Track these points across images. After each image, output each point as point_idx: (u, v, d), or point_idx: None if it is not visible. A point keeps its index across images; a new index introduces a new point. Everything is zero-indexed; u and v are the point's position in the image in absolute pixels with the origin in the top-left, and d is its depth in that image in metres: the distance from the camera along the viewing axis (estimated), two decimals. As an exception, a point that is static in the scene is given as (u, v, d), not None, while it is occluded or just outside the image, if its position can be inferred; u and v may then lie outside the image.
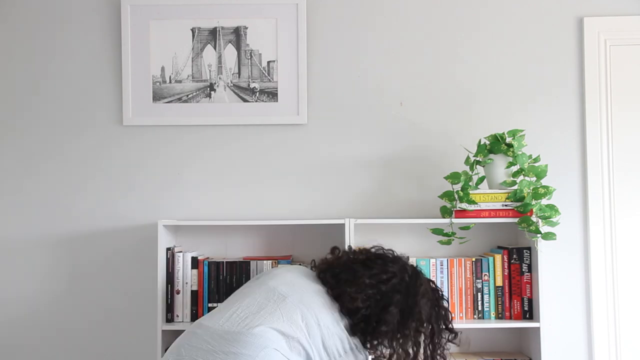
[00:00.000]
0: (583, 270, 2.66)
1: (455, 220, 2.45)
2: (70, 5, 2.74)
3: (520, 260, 2.50)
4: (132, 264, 2.67)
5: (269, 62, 2.72)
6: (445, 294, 2.18)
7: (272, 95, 2.70)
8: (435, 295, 2.04)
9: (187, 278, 2.49)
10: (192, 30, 2.73)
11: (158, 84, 2.71)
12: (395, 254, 2.09)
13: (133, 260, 2.67)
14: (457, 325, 2.44)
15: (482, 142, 2.55)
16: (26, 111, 2.72)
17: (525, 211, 2.39)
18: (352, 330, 1.88)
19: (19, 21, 2.74)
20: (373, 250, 2.09)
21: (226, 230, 2.66)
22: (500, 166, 2.47)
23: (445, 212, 2.46)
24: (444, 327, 2.01)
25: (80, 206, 2.70)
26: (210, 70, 2.72)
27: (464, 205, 2.43)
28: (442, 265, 2.52)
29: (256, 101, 2.70)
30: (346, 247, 2.24)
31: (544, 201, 2.42)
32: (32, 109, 2.73)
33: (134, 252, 2.67)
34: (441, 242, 2.45)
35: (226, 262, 2.51)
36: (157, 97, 2.71)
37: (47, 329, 2.67)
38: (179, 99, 2.71)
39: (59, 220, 2.69)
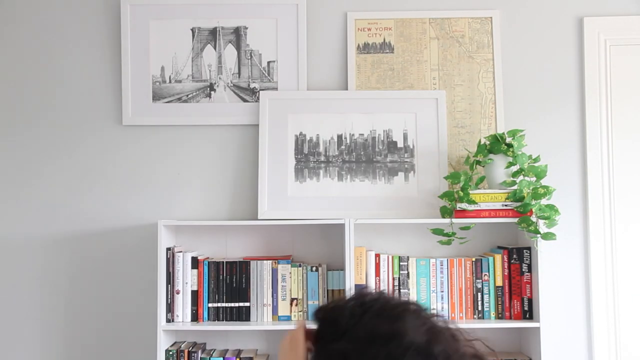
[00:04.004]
0: (583, 270, 2.66)
1: (455, 220, 2.45)
2: (70, 5, 2.74)
3: (520, 260, 2.50)
4: (132, 264, 2.67)
5: (269, 62, 2.72)
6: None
7: (272, 95, 2.70)
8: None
9: (187, 278, 2.49)
10: (192, 30, 2.73)
11: (158, 83, 2.71)
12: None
13: (133, 260, 2.67)
14: (457, 325, 2.45)
15: (482, 142, 2.55)
16: (25, 111, 2.72)
17: (525, 211, 2.39)
18: None
19: (18, 21, 2.74)
20: None
21: (226, 230, 2.66)
22: (500, 166, 2.48)
23: (445, 212, 2.46)
24: None
25: (80, 206, 2.69)
26: (210, 70, 2.72)
27: (464, 205, 2.43)
28: (442, 265, 2.52)
29: (256, 101, 2.70)
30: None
31: (544, 201, 2.42)
32: (32, 109, 2.73)
33: (134, 252, 2.67)
34: (441, 242, 2.45)
35: (226, 262, 2.51)
36: (157, 97, 2.71)
37: (47, 328, 2.67)
38: (179, 99, 2.71)
39: (59, 220, 2.69)
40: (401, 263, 2.51)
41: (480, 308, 2.50)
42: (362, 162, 2.65)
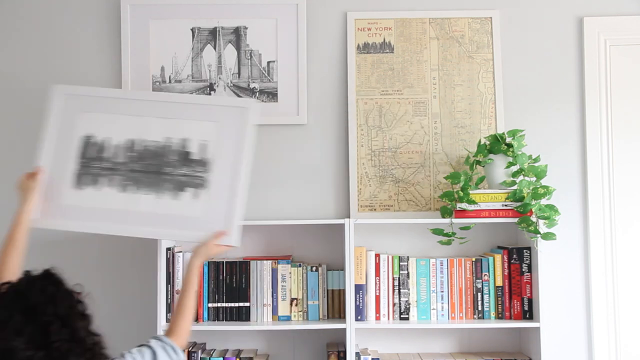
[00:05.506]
0: (583, 270, 2.66)
1: (455, 220, 2.45)
2: (70, 5, 2.74)
3: (520, 260, 2.50)
4: (132, 264, 2.67)
5: (268, 62, 2.72)
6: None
7: (272, 95, 2.70)
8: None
9: (187, 278, 2.48)
10: (192, 30, 2.73)
11: (158, 83, 2.71)
12: None
13: (133, 260, 2.67)
14: (457, 325, 2.46)
15: (482, 142, 2.55)
16: (25, 111, 2.72)
17: (525, 211, 2.39)
18: None
19: (19, 21, 2.74)
20: None
21: (226, 230, 2.66)
22: (500, 166, 2.48)
23: (445, 212, 2.46)
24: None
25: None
26: (210, 70, 2.72)
27: (464, 205, 2.43)
28: (442, 265, 2.52)
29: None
30: None
31: (544, 201, 2.42)
32: (31, 109, 2.72)
33: (134, 252, 2.67)
34: (441, 242, 2.45)
35: (226, 262, 2.51)
36: (157, 97, 2.70)
37: (47, 329, 2.67)
38: (179, 99, 2.70)
39: (59, 220, 2.69)
40: (401, 263, 2.51)
41: (480, 308, 2.50)
42: (150, 172, 2.21)
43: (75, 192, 2.23)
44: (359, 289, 2.48)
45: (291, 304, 2.50)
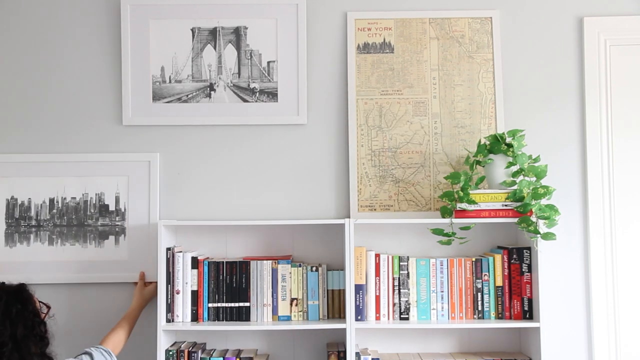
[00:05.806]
0: (583, 270, 2.66)
1: (455, 220, 2.45)
2: (70, 5, 2.74)
3: (520, 260, 2.50)
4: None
5: (269, 62, 2.72)
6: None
7: (272, 95, 2.70)
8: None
9: (187, 278, 2.49)
10: (192, 30, 2.73)
11: (158, 83, 2.71)
12: None
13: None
14: (457, 325, 2.46)
15: (482, 142, 2.55)
16: (25, 111, 2.72)
17: (525, 211, 2.39)
18: None
19: (19, 21, 2.74)
20: None
21: (226, 230, 2.66)
22: (500, 166, 2.48)
23: (445, 212, 2.46)
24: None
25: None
26: (210, 70, 2.72)
27: (464, 205, 2.43)
28: (442, 265, 2.52)
29: (256, 101, 2.70)
30: None
31: (544, 201, 2.42)
32: (32, 109, 2.73)
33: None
34: (441, 242, 2.45)
35: (226, 262, 2.51)
36: (157, 97, 2.71)
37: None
38: (179, 99, 2.71)
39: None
40: (401, 263, 2.51)
41: (480, 308, 2.50)
42: (73, 225, 2.66)
43: (6, 250, 2.63)
44: (359, 289, 2.48)
45: (291, 304, 2.50)
